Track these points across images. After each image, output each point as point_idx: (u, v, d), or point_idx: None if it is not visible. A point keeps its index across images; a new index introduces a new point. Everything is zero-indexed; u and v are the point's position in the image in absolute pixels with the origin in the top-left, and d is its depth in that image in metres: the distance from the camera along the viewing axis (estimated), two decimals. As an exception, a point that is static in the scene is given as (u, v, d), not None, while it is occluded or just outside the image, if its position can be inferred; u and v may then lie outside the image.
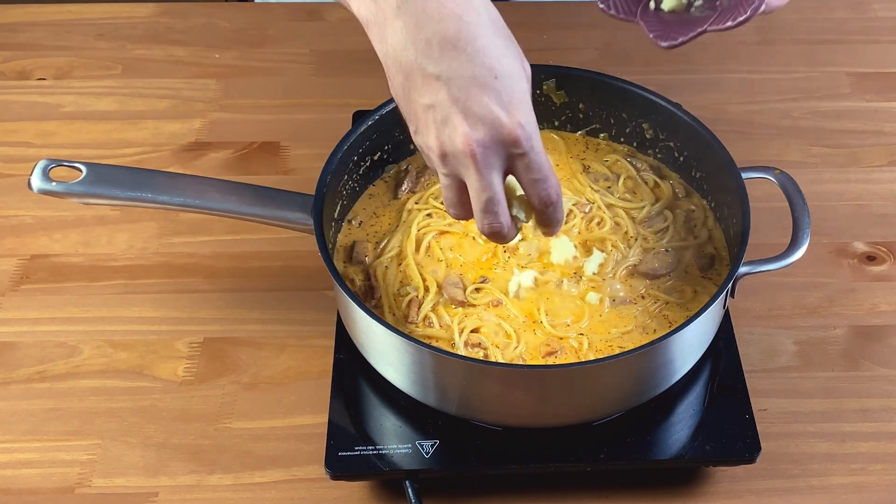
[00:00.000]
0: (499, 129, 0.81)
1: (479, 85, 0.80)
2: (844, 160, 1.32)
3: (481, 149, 0.81)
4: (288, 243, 1.19)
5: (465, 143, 0.81)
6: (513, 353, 0.98)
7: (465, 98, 0.80)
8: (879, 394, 1.08)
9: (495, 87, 0.80)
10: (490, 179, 0.83)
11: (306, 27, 1.50)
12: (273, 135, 1.34)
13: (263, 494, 1.00)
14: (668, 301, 1.02)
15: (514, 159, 0.83)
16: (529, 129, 0.82)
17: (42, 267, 1.18)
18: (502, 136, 0.81)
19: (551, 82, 1.15)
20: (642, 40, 0.98)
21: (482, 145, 0.81)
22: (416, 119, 0.84)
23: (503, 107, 0.81)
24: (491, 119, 0.80)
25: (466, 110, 0.80)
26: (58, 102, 1.38)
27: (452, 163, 0.83)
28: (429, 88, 0.81)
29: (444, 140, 0.82)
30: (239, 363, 1.10)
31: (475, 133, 0.80)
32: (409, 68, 0.81)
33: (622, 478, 1.01)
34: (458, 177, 0.85)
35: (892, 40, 1.49)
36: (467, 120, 0.80)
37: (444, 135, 0.82)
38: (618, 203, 1.11)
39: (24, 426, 1.05)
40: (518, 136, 0.81)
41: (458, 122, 0.80)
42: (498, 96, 0.80)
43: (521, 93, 0.82)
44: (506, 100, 0.81)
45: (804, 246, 0.99)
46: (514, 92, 0.82)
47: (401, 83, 0.83)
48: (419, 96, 0.82)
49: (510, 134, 0.81)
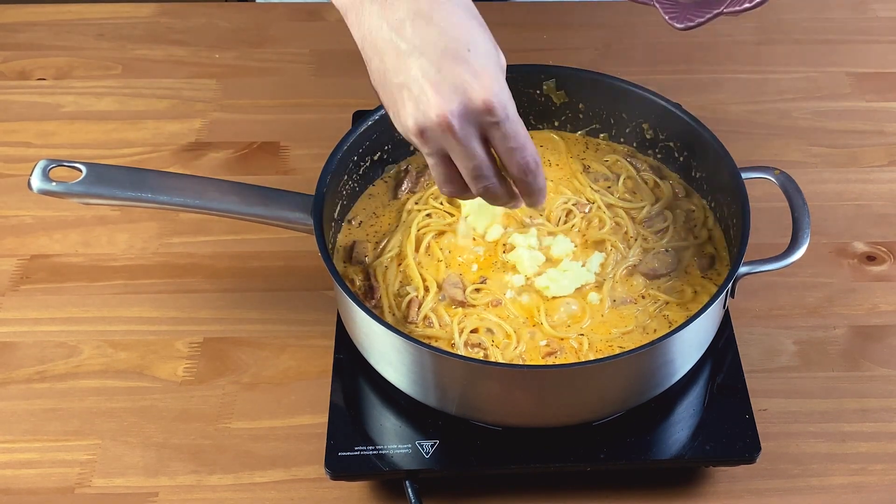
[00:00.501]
0: (471, 98, 0.80)
1: (451, 57, 0.80)
2: (844, 160, 1.32)
3: (456, 119, 0.81)
4: (288, 243, 1.19)
5: (439, 114, 0.80)
6: (513, 353, 0.98)
7: (436, 71, 0.80)
8: (879, 394, 1.08)
9: (467, 58, 0.80)
10: (472, 147, 0.83)
11: (306, 27, 1.50)
12: (273, 135, 1.34)
13: (263, 494, 1.00)
14: (668, 301, 1.02)
15: (489, 128, 0.83)
16: (503, 98, 0.82)
17: (42, 267, 1.18)
18: (476, 105, 0.81)
19: (551, 82, 1.15)
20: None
21: (456, 115, 0.81)
22: (393, 101, 0.84)
23: (475, 76, 0.80)
24: (463, 89, 0.80)
25: (439, 83, 0.80)
26: (58, 102, 1.38)
27: (432, 138, 0.83)
28: (402, 66, 0.81)
29: (418, 116, 0.82)
30: (239, 363, 1.10)
31: (448, 104, 0.80)
32: (384, 48, 0.82)
33: (622, 478, 1.01)
34: (441, 152, 0.84)
35: (892, 40, 1.49)
36: (439, 92, 0.80)
37: (418, 111, 0.81)
38: (618, 203, 1.11)
39: (24, 426, 1.05)
40: (492, 104, 0.81)
41: (431, 95, 0.80)
42: (470, 67, 0.80)
43: (494, 65, 0.82)
44: (478, 70, 0.80)
45: (804, 246, 0.99)
46: (487, 64, 0.81)
47: (377, 67, 0.83)
48: (393, 76, 0.82)
49: (484, 103, 0.80)
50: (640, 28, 1.48)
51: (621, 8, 1.51)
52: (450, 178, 0.87)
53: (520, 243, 1.05)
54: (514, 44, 0.90)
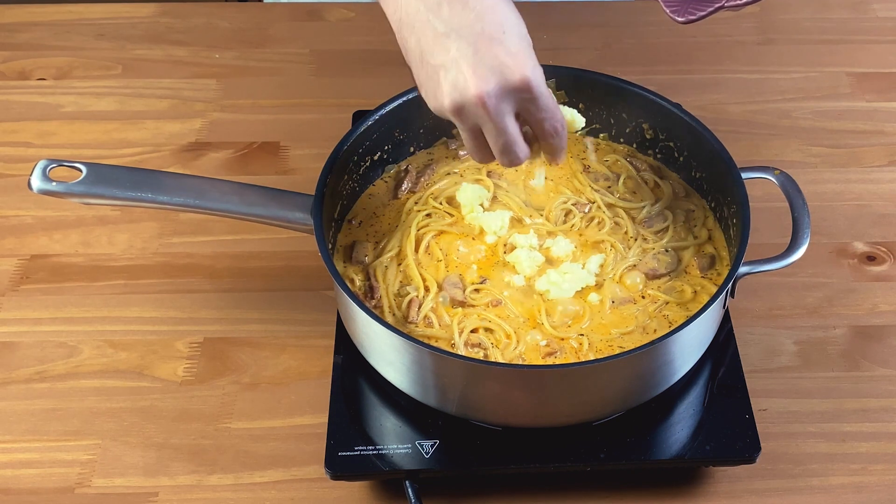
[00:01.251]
0: (508, 78, 0.85)
1: (487, 39, 0.84)
2: (844, 160, 1.32)
3: (492, 99, 0.85)
4: (288, 243, 1.19)
5: (477, 94, 0.84)
6: (512, 353, 0.98)
7: (473, 52, 0.84)
8: (879, 394, 1.08)
9: (503, 40, 0.84)
10: (504, 125, 0.87)
11: (306, 27, 1.50)
12: (273, 135, 1.34)
13: (263, 494, 1.00)
14: (668, 301, 1.02)
15: (525, 104, 0.88)
16: (537, 75, 0.86)
17: (42, 267, 1.18)
18: (512, 84, 0.85)
19: (551, 82, 1.14)
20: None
21: (493, 95, 0.85)
22: (430, 79, 0.87)
23: (511, 56, 0.84)
24: (500, 70, 0.84)
25: (476, 64, 0.84)
26: (58, 102, 1.38)
27: (469, 116, 0.87)
28: (440, 47, 0.85)
29: (455, 96, 0.86)
30: (239, 363, 1.10)
31: (485, 85, 0.84)
32: (422, 30, 0.86)
33: (622, 478, 1.01)
34: (475, 128, 0.89)
35: (892, 40, 1.49)
36: (477, 73, 0.84)
37: (455, 91, 0.85)
38: (618, 203, 1.11)
39: (24, 426, 1.05)
40: (528, 82, 0.85)
41: (469, 76, 0.84)
42: (506, 49, 0.84)
43: (527, 46, 0.86)
44: (514, 51, 0.85)
45: (804, 246, 0.99)
46: (521, 45, 0.86)
47: (413, 46, 0.87)
48: (431, 57, 0.86)
49: (520, 82, 0.85)
50: (640, 28, 1.48)
51: (621, 8, 1.51)
52: (479, 148, 0.92)
53: (520, 244, 1.05)
54: (513, 44, 0.90)
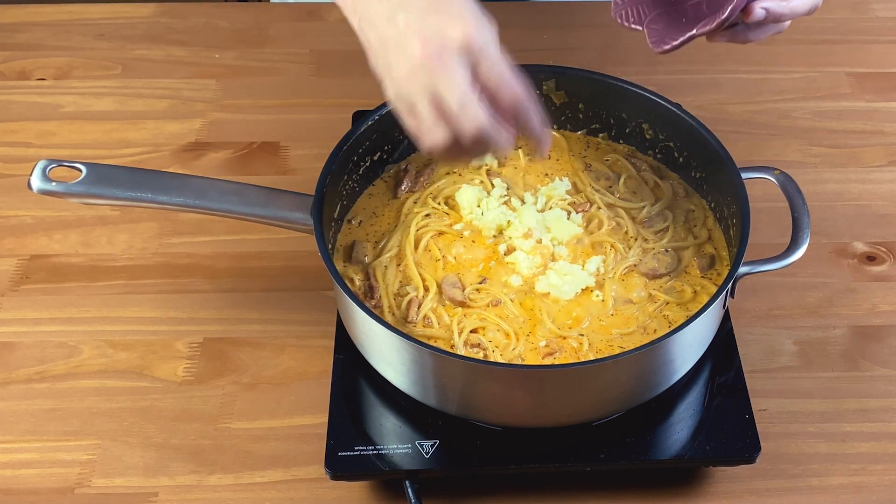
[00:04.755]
0: (451, 35, 0.84)
1: (433, 10, 0.84)
2: (844, 160, 1.32)
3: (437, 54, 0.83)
4: (288, 243, 1.19)
5: (422, 54, 0.83)
6: (512, 354, 0.98)
7: (419, 23, 0.84)
8: (879, 394, 1.08)
9: (449, 10, 0.84)
10: (455, 77, 0.83)
11: (306, 27, 1.50)
12: (273, 135, 1.34)
13: (263, 494, 1.00)
14: (668, 301, 1.02)
15: (475, 67, 0.84)
16: (483, 34, 0.84)
17: (42, 267, 1.18)
18: (455, 41, 0.83)
19: (551, 82, 1.15)
20: (642, 40, 0.99)
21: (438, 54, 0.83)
22: (387, 63, 0.86)
23: (454, 17, 0.84)
24: (443, 29, 0.84)
25: (422, 30, 0.84)
26: (58, 102, 1.38)
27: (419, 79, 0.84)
28: (391, 25, 0.85)
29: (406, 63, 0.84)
30: (239, 363, 1.10)
31: (429, 47, 0.84)
32: (374, 18, 0.86)
33: (622, 478, 1.01)
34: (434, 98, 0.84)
35: (892, 40, 1.49)
36: (422, 37, 0.84)
37: (406, 58, 0.84)
38: (618, 203, 1.11)
39: (24, 426, 1.05)
40: (470, 38, 0.83)
41: (414, 44, 0.84)
42: (450, 13, 0.84)
43: (472, 8, 0.85)
44: (456, 12, 0.84)
45: (804, 246, 0.99)
46: (465, 10, 0.85)
47: (373, 40, 0.87)
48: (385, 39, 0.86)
49: (461, 39, 0.83)
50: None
51: (621, 8, 1.51)
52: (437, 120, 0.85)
53: (521, 246, 1.05)
54: (514, 44, 0.89)
